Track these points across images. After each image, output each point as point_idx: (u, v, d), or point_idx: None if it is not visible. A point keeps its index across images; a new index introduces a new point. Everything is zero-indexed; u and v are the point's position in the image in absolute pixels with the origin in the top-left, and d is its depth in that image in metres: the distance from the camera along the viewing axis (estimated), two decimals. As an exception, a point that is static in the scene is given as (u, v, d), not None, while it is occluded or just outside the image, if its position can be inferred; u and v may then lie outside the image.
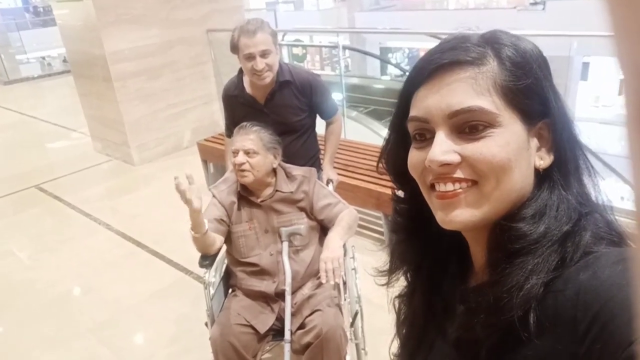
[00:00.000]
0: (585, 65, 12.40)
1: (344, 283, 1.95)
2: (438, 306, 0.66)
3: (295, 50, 14.10)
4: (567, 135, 0.56)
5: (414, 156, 0.59)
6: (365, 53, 9.49)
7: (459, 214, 0.55)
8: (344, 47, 6.53)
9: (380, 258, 0.74)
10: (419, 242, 0.67)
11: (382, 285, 0.72)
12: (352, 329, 1.95)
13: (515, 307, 0.50)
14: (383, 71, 13.35)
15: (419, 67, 0.58)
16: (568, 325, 0.47)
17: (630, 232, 0.51)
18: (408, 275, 0.71)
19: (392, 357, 0.77)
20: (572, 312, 0.47)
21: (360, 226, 3.13)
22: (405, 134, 0.61)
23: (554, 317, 0.49)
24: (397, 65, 13.40)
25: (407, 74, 0.61)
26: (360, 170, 3.24)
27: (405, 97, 0.60)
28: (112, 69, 4.51)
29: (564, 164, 0.56)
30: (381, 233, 3.16)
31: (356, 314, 1.98)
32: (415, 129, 0.59)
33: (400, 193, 0.69)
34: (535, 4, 11.41)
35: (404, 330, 0.73)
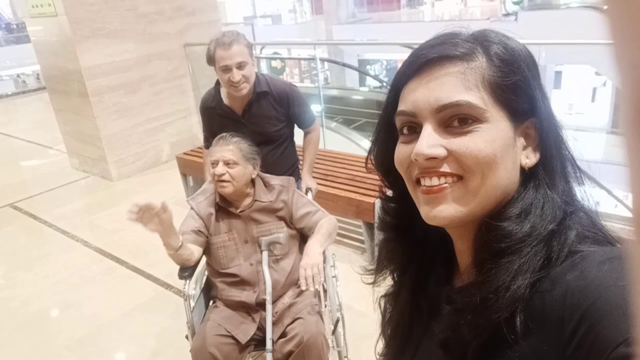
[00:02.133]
0: (558, 73, 12.75)
1: (325, 291, 1.96)
2: (424, 306, 0.65)
3: (274, 64, 14.16)
4: (553, 135, 0.57)
5: (401, 150, 0.59)
6: (342, 64, 9.60)
7: (444, 209, 0.55)
8: (321, 60, 6.59)
9: (361, 266, 0.73)
10: (406, 241, 0.66)
11: (369, 284, 0.71)
12: (334, 336, 1.95)
13: (502, 308, 0.50)
14: (362, 83, 13.50)
15: (408, 62, 0.58)
16: (555, 326, 0.47)
17: (626, 236, 0.52)
18: (395, 274, 0.70)
19: (377, 356, 0.77)
20: (559, 313, 0.47)
21: (340, 235, 3.15)
22: (394, 130, 0.60)
23: (540, 317, 0.49)
24: (375, 77, 13.56)
25: (396, 72, 0.61)
26: (340, 180, 3.26)
27: (394, 91, 0.60)
28: (88, 83, 4.48)
29: (550, 163, 0.56)
30: (361, 241, 3.18)
31: (337, 321, 1.98)
32: (402, 123, 0.58)
33: (389, 192, 0.68)
34: (507, 15, 11.70)
35: (389, 330, 0.73)
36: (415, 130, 0.57)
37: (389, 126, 0.61)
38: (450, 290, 0.59)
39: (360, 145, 4.78)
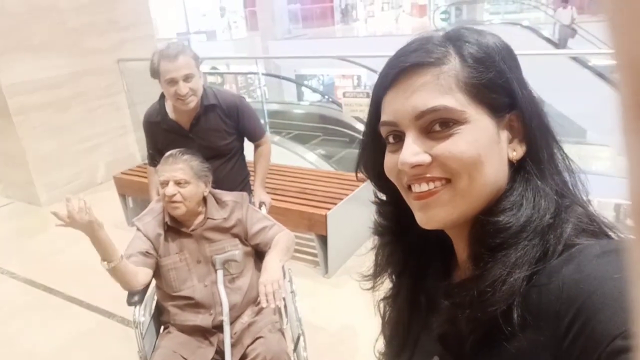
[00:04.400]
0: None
1: (285, 307, 1.91)
2: (422, 302, 0.66)
3: (212, 79, 13.92)
4: (536, 124, 0.56)
5: (389, 160, 0.60)
6: (285, 79, 9.64)
7: (436, 213, 0.56)
8: (264, 74, 6.58)
9: (316, 279, 0.72)
10: (404, 242, 0.67)
11: (367, 289, 0.71)
12: (295, 352, 1.89)
13: (498, 301, 0.50)
14: (300, 97, 13.59)
15: (384, 73, 0.59)
16: (551, 319, 0.47)
17: (624, 230, 0.51)
18: (393, 277, 0.70)
19: (377, 354, 0.76)
20: (556, 306, 0.47)
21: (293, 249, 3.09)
22: (380, 138, 0.61)
23: (537, 311, 0.49)
24: (316, 90, 13.72)
25: (374, 83, 0.61)
26: (290, 193, 3.23)
27: (375, 102, 0.61)
28: (10, 102, 4.16)
29: (536, 153, 0.56)
30: (315, 255, 3.15)
31: (298, 337, 1.93)
32: (387, 133, 0.59)
33: (383, 196, 0.69)
34: (437, 31, 12.30)
35: (388, 330, 0.73)
36: (401, 138, 0.58)
37: (375, 135, 0.62)
38: (448, 285, 0.59)
39: (305, 158, 4.78)
